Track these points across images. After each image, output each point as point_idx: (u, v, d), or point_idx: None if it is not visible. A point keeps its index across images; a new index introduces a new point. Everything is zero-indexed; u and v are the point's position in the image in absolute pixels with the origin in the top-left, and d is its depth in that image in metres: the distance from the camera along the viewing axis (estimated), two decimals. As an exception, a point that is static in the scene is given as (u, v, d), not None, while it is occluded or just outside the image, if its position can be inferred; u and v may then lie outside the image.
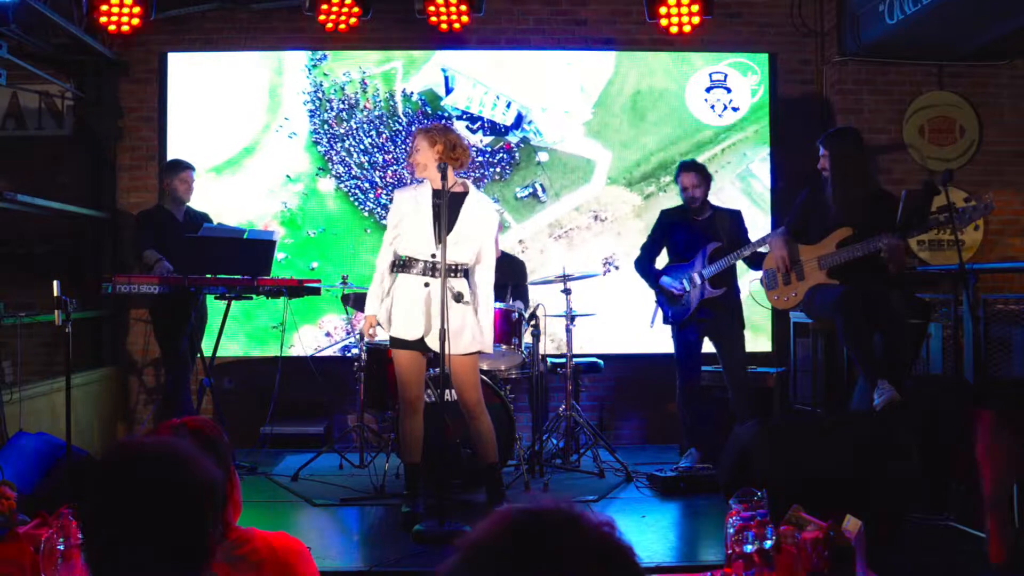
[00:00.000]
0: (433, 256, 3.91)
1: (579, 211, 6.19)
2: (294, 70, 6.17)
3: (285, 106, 6.17)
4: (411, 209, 3.99)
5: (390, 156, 6.16)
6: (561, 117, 6.20)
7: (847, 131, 4.60)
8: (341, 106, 6.17)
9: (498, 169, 6.18)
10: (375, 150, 6.16)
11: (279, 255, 5.86)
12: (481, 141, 6.17)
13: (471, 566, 0.91)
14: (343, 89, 6.16)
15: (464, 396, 4.04)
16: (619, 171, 6.18)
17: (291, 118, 6.16)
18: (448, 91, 6.21)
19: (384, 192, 6.11)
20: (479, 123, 6.20)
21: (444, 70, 6.19)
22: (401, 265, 3.99)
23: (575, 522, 0.91)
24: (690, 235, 4.96)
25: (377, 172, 6.13)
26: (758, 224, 6.01)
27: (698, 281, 4.85)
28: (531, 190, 6.18)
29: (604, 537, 0.91)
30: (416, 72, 6.20)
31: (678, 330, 4.97)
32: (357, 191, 6.15)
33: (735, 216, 5.08)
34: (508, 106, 6.19)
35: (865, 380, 4.22)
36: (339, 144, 6.16)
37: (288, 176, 6.15)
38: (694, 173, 4.93)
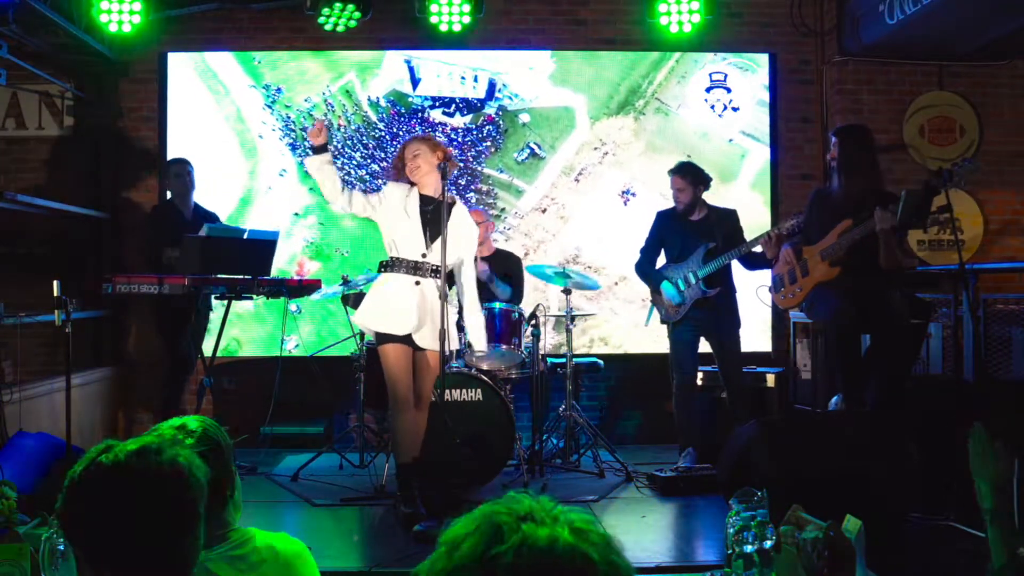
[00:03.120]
0: (424, 256, 4.06)
1: (581, 152, 6.22)
2: (253, 110, 6.12)
3: (261, 149, 6.13)
4: (400, 211, 4.10)
5: (385, 163, 6.14)
6: (528, 74, 6.20)
7: (860, 127, 4.72)
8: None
9: (489, 142, 6.18)
10: (368, 161, 6.14)
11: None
12: (463, 122, 6.17)
13: (448, 560, 0.92)
14: (311, 115, 6.11)
15: (422, 389, 4.14)
16: (597, 109, 6.22)
17: (272, 157, 6.13)
18: (415, 83, 6.18)
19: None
20: (453, 105, 6.19)
21: (408, 61, 6.16)
22: (389, 265, 4.11)
23: (555, 519, 0.92)
24: (685, 235, 4.96)
25: (380, 181, 6.11)
26: (733, 126, 6.20)
27: (692, 281, 4.86)
28: (528, 150, 6.20)
29: (584, 532, 0.92)
30: (374, 77, 6.16)
31: (673, 329, 4.98)
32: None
33: (730, 215, 5.09)
34: (476, 79, 6.19)
35: (843, 398, 4.34)
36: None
37: (295, 214, 6.13)
38: (678, 176, 4.95)
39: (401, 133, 6.07)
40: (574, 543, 0.89)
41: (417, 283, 4.05)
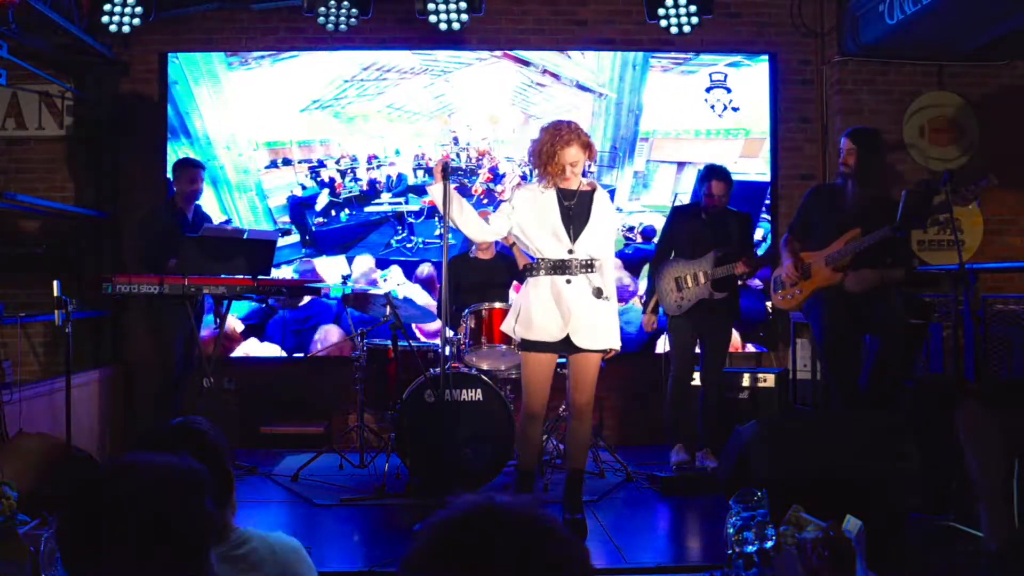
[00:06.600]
0: (571, 252, 3.81)
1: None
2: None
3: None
4: (535, 214, 3.84)
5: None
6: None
7: (876, 132, 4.67)
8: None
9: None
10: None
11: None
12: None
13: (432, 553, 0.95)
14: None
15: (578, 395, 3.89)
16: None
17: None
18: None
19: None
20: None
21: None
22: (533, 268, 3.86)
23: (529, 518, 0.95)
24: (699, 234, 4.95)
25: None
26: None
27: (702, 280, 4.85)
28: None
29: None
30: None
31: (674, 323, 4.97)
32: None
33: (744, 220, 5.10)
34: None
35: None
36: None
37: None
38: (724, 183, 4.92)
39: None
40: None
41: (568, 282, 3.79)
